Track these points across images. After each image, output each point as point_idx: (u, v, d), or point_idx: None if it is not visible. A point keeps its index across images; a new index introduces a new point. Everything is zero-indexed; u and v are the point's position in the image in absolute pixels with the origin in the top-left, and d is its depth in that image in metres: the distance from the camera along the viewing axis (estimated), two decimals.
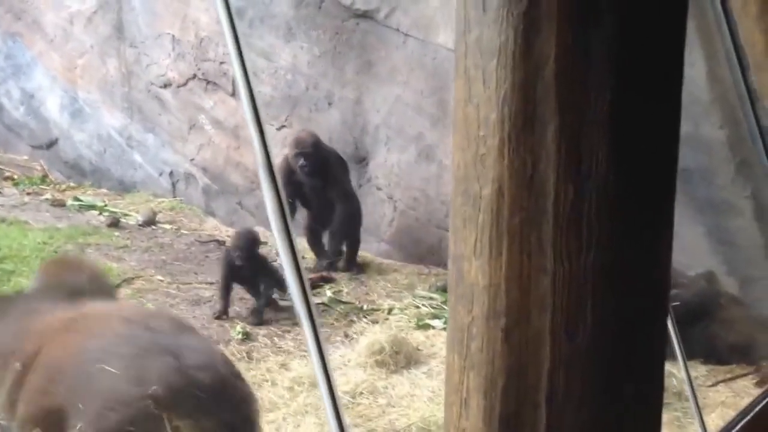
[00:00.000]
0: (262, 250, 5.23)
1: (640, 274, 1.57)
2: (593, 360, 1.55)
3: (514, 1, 1.51)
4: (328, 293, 5.31)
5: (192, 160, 7.33)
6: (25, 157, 8.28)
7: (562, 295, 1.54)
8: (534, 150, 1.53)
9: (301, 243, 5.79)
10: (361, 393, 3.80)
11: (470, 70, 1.59)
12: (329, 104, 6.57)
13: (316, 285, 5.46)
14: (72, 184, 7.83)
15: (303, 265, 1.84)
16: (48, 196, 7.29)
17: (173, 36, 7.34)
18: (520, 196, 1.54)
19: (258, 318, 4.77)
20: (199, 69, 7.15)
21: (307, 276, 5.40)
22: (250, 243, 5.18)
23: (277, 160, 6.75)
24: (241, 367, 4.12)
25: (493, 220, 1.57)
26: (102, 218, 6.65)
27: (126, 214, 6.87)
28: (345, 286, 5.48)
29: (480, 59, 1.56)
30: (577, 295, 1.54)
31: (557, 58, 1.49)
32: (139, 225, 6.68)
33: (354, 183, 6.36)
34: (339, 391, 3.83)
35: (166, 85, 7.35)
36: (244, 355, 4.30)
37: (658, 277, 1.62)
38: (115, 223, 6.57)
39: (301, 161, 5.90)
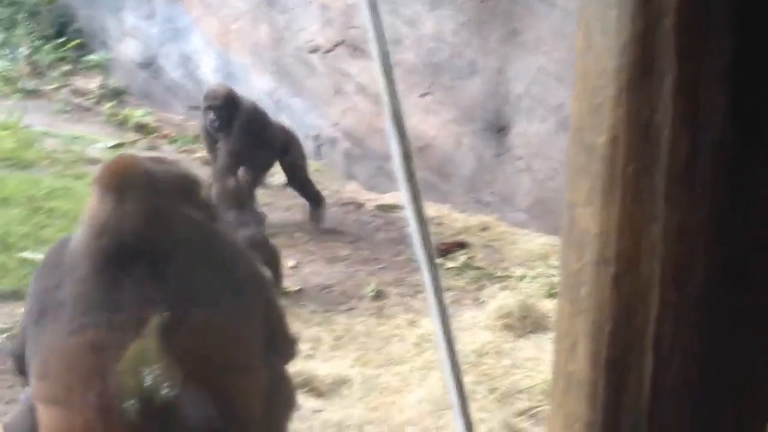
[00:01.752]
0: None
1: (753, 230, 1.57)
2: (701, 310, 1.56)
3: None
4: (462, 258, 5.38)
5: (336, 124, 7.51)
6: (181, 117, 8.69)
7: (672, 244, 1.55)
8: (651, 100, 1.54)
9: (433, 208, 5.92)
10: (487, 353, 3.87)
11: (591, 21, 1.61)
12: (472, 73, 6.59)
13: (450, 250, 5.55)
14: None
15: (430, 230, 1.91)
16: (200, 154, 7.64)
17: (322, 2, 7.52)
18: (634, 146, 1.56)
19: None
20: (346, 35, 7.30)
21: (441, 241, 5.57)
22: None
23: (423, 128, 6.87)
24: (372, 322, 4.27)
25: (606, 168, 1.59)
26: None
27: (272, 175, 7.11)
28: (479, 253, 5.54)
29: (600, 10, 1.58)
30: (687, 246, 1.55)
31: (678, 8, 1.50)
32: (284, 185, 6.93)
33: (494, 152, 6.39)
34: (466, 350, 3.93)
35: (313, 51, 7.55)
36: (375, 310, 4.43)
37: None
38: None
39: (211, 115, 5.92)
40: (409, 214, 2.22)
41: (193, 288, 2.33)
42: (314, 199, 6.12)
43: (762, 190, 1.55)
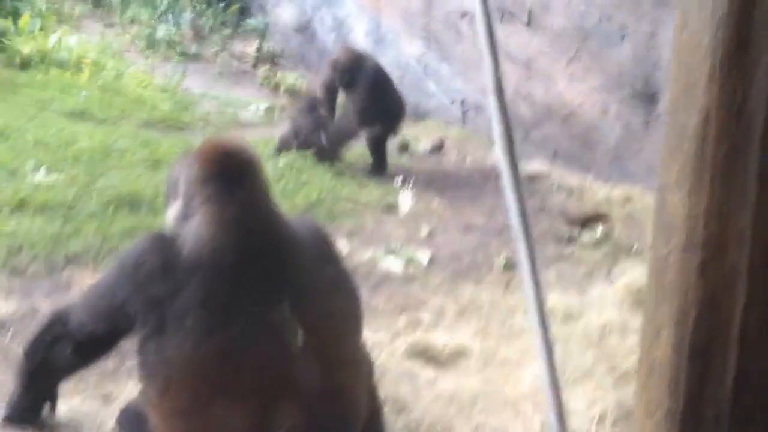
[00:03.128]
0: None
1: None
2: None
3: None
4: (599, 231, 5.26)
5: (482, 90, 7.45)
6: None
7: (762, 231, 1.49)
8: (746, 79, 1.47)
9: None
10: (611, 331, 3.78)
11: None
12: (622, 38, 6.38)
13: (587, 222, 5.43)
14: None
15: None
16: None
17: None
18: (726, 126, 1.50)
19: None
20: (495, 0, 7.21)
21: (581, 213, 5.46)
22: None
23: (570, 95, 6.74)
24: (498, 293, 4.25)
25: (698, 149, 1.54)
26: (395, 142, 6.98)
27: (417, 140, 7.16)
28: (618, 226, 5.39)
29: None
30: None
31: None
32: (428, 151, 6.97)
33: (642, 120, 6.19)
34: (590, 327, 3.86)
35: (463, 16, 7.50)
36: (503, 282, 4.40)
37: None
38: (405, 147, 6.91)
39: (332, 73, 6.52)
40: (506, 183, 2.20)
41: (311, 283, 2.31)
42: (381, 165, 6.38)
43: None
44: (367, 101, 6.30)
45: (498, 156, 1.85)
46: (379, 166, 6.31)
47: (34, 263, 3.99)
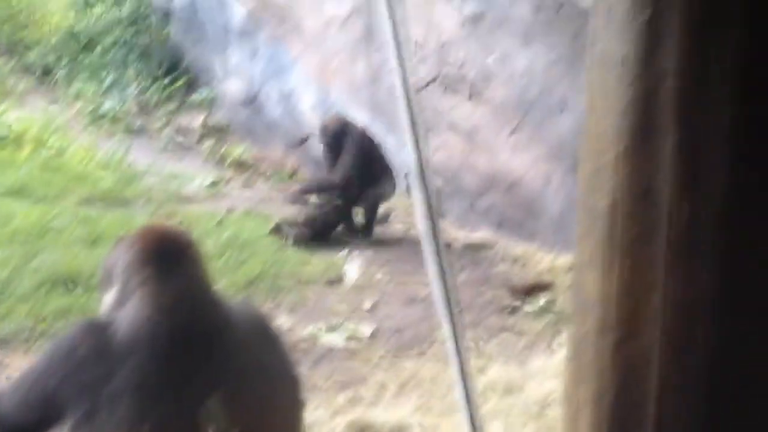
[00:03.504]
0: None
1: (758, 301, 1.49)
2: (702, 383, 1.49)
3: (637, 13, 1.49)
4: (542, 301, 5.28)
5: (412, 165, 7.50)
6: (280, 154, 8.86)
7: (672, 314, 1.50)
8: (650, 165, 1.49)
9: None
10: (551, 404, 3.77)
11: (594, 82, 1.58)
12: (562, 110, 6.51)
13: (531, 292, 5.46)
14: None
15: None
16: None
17: (416, 41, 7.57)
18: (634, 211, 1.51)
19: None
20: (439, 72, 7.33)
21: (523, 283, 5.48)
22: None
23: (512, 166, 6.82)
24: (439, 368, 4.23)
25: (607, 233, 1.55)
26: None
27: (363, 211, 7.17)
28: (561, 295, 5.42)
29: (603, 71, 1.55)
30: (688, 316, 1.48)
31: (678, 72, 1.45)
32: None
33: None
34: (530, 399, 3.85)
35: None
36: (445, 355, 4.37)
37: None
38: None
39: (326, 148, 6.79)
40: (427, 253, 2.20)
41: (247, 369, 2.26)
42: (371, 228, 6.56)
43: (765, 257, 1.48)
44: (356, 167, 6.50)
45: (420, 229, 1.85)
46: (369, 230, 6.53)
47: None
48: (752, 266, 1.47)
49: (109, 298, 2.33)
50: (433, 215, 2.14)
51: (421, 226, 1.88)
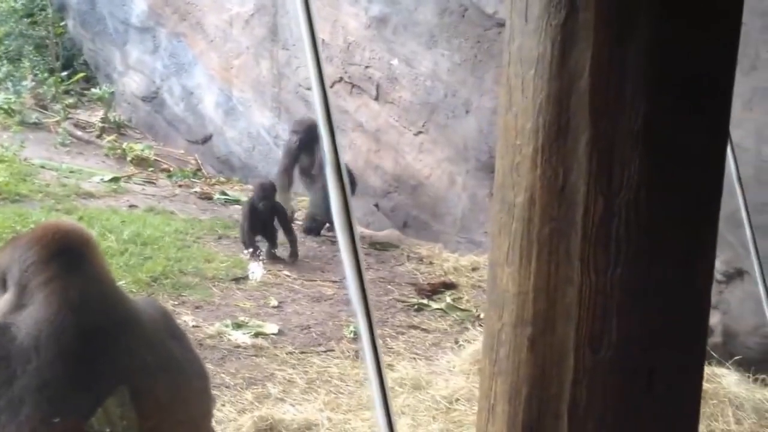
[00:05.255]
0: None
1: (671, 293, 1.54)
2: (616, 375, 1.53)
3: (553, 13, 1.52)
4: (448, 299, 5.35)
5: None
6: (182, 151, 8.72)
7: (587, 307, 1.54)
8: (566, 161, 1.53)
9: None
10: (458, 399, 3.82)
11: (511, 79, 1.61)
12: (466, 112, 6.60)
13: (436, 290, 5.52)
14: (222, 179, 8.19)
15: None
16: (197, 189, 7.66)
17: (323, 40, 7.56)
18: (550, 207, 1.55)
19: (272, 257, 5.88)
20: (345, 72, 7.33)
21: (428, 281, 5.54)
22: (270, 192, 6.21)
23: (418, 166, 6.88)
24: (347, 364, 4.24)
25: (524, 228, 1.58)
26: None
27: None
28: (466, 294, 5.50)
29: (520, 69, 1.58)
30: (602, 309, 1.53)
31: (592, 70, 1.49)
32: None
33: (487, 191, 6.37)
34: (438, 395, 3.89)
35: (311, 87, 7.56)
36: (352, 353, 4.39)
37: (692, 298, 1.58)
38: None
39: (294, 138, 6.82)
40: (342, 248, 2.20)
41: (154, 363, 2.21)
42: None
43: (676, 251, 1.53)
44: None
45: (336, 227, 1.85)
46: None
47: None
48: (662, 258, 1.52)
49: (2, 303, 2.26)
50: (348, 211, 2.14)
51: (336, 221, 1.88)
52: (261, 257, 5.67)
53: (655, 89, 1.48)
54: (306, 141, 6.71)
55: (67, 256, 2.22)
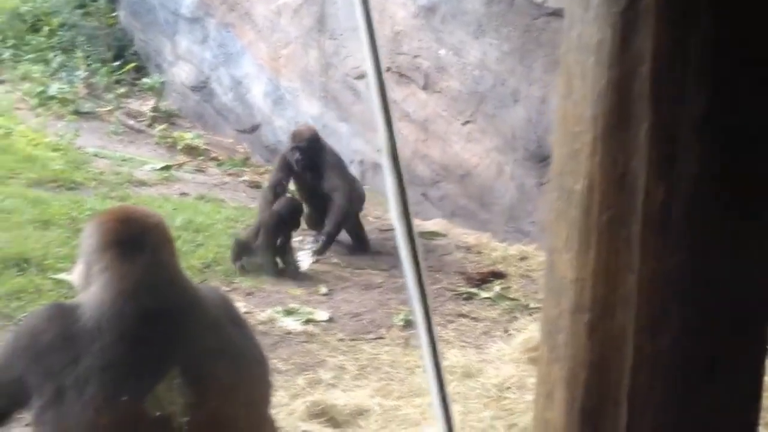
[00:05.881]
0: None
1: (732, 280, 1.54)
2: (676, 362, 1.53)
3: (613, 1, 1.52)
4: (497, 288, 5.35)
5: (380, 150, 7.53)
6: (231, 140, 8.82)
7: (647, 294, 1.53)
8: (626, 148, 1.53)
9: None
10: (509, 387, 3.83)
11: (571, 66, 1.60)
12: (515, 101, 6.58)
13: (485, 279, 5.52)
14: (270, 168, 8.25)
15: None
16: (246, 177, 7.75)
17: None
18: (610, 193, 1.54)
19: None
20: (393, 62, 7.34)
21: (477, 271, 5.55)
22: None
23: (466, 156, 6.88)
24: (397, 352, 4.27)
25: (583, 215, 1.58)
26: None
27: None
28: (515, 283, 5.50)
29: (580, 56, 1.58)
30: (662, 296, 1.53)
31: (654, 57, 1.49)
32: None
33: (535, 181, 6.36)
34: (488, 383, 3.90)
35: (360, 77, 7.61)
36: (402, 340, 4.42)
37: (754, 286, 1.58)
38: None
39: (297, 155, 6.03)
40: (400, 239, 2.21)
41: (211, 345, 2.28)
42: (363, 242, 6.20)
43: (736, 239, 1.53)
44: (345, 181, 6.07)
45: (392, 216, 1.86)
46: (362, 243, 6.17)
47: None
48: (723, 246, 1.52)
49: (76, 273, 2.35)
50: (405, 200, 2.15)
51: (392, 210, 1.90)
52: (310, 247, 5.71)
53: (718, 75, 1.48)
54: (309, 156, 6.03)
55: (128, 242, 2.27)
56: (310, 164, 5.99)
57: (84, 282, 2.31)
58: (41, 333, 2.21)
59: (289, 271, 5.39)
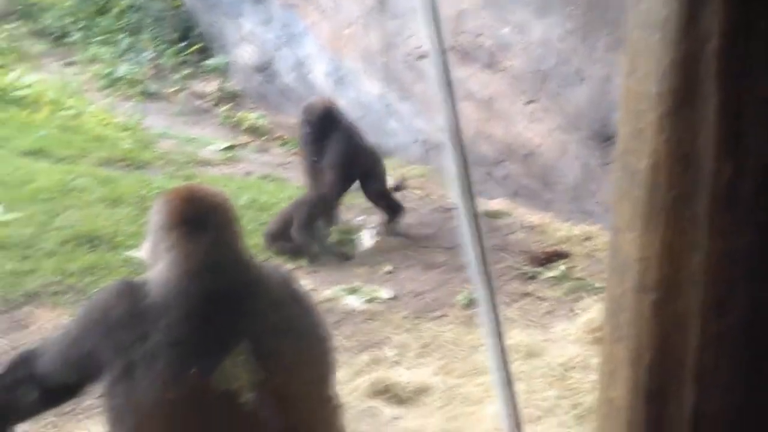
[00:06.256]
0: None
1: None
2: (743, 342, 1.52)
3: None
4: (561, 268, 5.32)
5: (442, 129, 7.52)
6: (293, 120, 8.85)
7: (714, 272, 1.52)
8: (693, 126, 1.51)
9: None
10: (574, 367, 3.82)
11: (636, 43, 1.59)
12: (579, 80, 6.50)
13: (549, 259, 5.49)
14: None
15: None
16: None
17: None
18: (675, 172, 1.53)
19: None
20: (455, 41, 7.30)
21: (542, 250, 5.51)
22: None
23: (529, 135, 6.83)
24: (460, 330, 4.28)
25: (648, 194, 1.57)
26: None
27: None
28: (579, 263, 5.45)
29: (645, 33, 1.56)
30: (729, 274, 1.51)
31: (722, 33, 1.47)
32: (390, 189, 6.99)
33: (599, 161, 6.28)
34: (553, 363, 3.89)
35: (422, 56, 7.59)
36: (465, 319, 4.43)
37: None
38: None
39: (305, 129, 5.82)
40: (463, 218, 2.22)
41: (276, 323, 2.31)
42: (394, 209, 6.03)
43: None
44: (345, 165, 5.72)
45: (455, 196, 1.87)
46: (396, 212, 6.00)
47: None
48: None
49: (145, 249, 2.41)
50: (467, 179, 2.16)
51: (454, 189, 1.91)
52: (373, 226, 5.74)
53: None
54: (319, 130, 5.76)
55: (194, 222, 2.31)
56: (318, 140, 5.74)
57: (152, 259, 2.36)
58: (112, 308, 2.27)
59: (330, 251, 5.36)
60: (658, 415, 1.59)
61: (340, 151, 5.70)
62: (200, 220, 2.32)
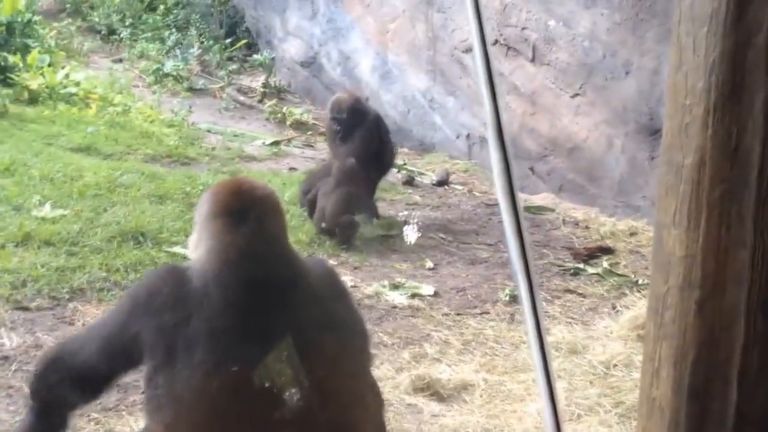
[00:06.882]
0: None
1: None
2: None
3: None
4: (605, 264, 5.26)
5: (486, 123, 7.48)
6: None
7: (760, 270, 1.49)
8: (740, 120, 1.48)
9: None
10: (616, 365, 3.77)
11: (682, 37, 1.56)
12: (626, 73, 6.42)
13: (593, 255, 5.44)
14: None
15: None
16: None
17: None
18: (722, 168, 1.50)
19: None
20: (501, 35, 7.26)
21: (585, 246, 5.46)
22: None
23: (574, 129, 6.76)
24: (502, 327, 4.26)
25: (693, 190, 1.55)
26: (400, 175, 7.01)
27: (422, 173, 7.19)
28: (624, 259, 5.40)
29: (692, 26, 1.54)
30: None
31: None
32: (433, 184, 6.99)
33: (647, 155, 6.21)
34: (594, 360, 3.85)
35: (467, 50, 7.56)
36: (508, 316, 4.40)
37: None
38: (410, 181, 6.94)
39: (335, 127, 5.77)
40: (504, 212, 2.19)
41: (319, 319, 2.32)
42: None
43: None
44: (365, 149, 5.72)
45: (497, 191, 1.85)
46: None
47: (38, 297, 4.02)
48: None
49: (191, 240, 2.44)
50: (510, 174, 2.13)
51: (497, 185, 1.88)
52: (417, 221, 5.73)
53: None
54: (350, 126, 5.70)
55: (236, 213, 2.33)
56: (346, 134, 5.68)
57: (196, 248, 2.39)
58: (156, 293, 2.29)
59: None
60: (701, 415, 1.56)
61: (365, 146, 5.71)
62: (244, 211, 2.33)
